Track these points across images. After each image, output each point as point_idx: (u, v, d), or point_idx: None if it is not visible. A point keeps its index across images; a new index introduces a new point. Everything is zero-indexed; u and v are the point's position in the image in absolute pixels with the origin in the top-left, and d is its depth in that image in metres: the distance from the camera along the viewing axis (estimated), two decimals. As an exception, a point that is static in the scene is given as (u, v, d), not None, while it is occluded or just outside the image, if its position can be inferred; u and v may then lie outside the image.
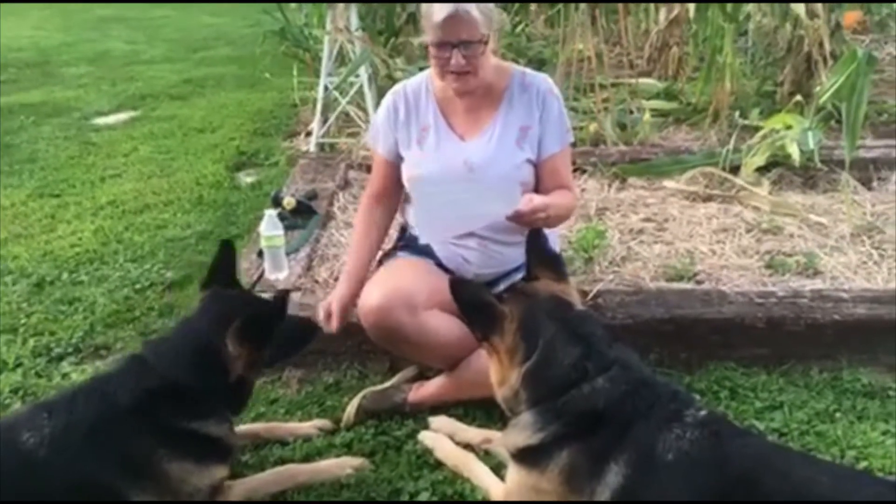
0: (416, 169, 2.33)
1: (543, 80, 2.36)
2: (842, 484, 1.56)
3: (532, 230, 2.05)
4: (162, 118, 5.69)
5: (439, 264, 2.34)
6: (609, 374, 1.75)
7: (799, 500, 1.51)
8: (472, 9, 2.10)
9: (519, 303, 1.86)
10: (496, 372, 1.85)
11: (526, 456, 1.79)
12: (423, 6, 2.22)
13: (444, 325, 2.19)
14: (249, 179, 4.37)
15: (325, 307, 2.27)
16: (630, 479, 1.63)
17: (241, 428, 2.17)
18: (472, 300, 1.86)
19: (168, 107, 6.03)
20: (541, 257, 1.99)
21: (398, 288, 2.17)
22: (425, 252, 2.37)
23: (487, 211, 2.14)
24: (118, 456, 1.77)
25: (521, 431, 1.79)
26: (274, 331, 1.95)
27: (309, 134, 4.61)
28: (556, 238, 2.54)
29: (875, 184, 3.56)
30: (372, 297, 2.16)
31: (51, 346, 2.72)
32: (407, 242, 2.46)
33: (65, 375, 2.57)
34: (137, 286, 3.12)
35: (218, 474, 1.90)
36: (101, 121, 5.73)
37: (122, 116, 5.83)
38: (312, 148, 4.41)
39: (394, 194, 2.44)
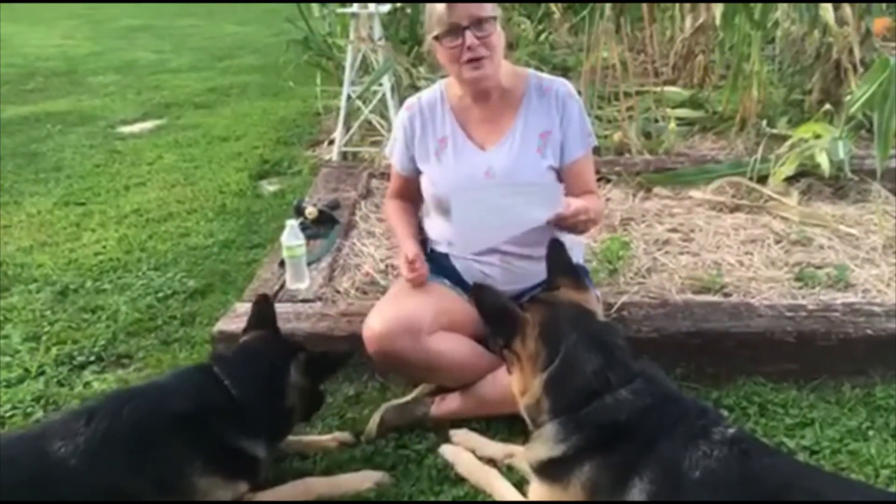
0: (438, 185, 2.30)
1: (561, 83, 2.32)
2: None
3: (552, 240, 2.01)
4: (187, 127, 5.73)
5: (459, 282, 2.30)
6: (633, 386, 1.71)
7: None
8: None
9: (540, 310, 1.84)
10: (518, 380, 1.83)
11: (548, 469, 1.75)
12: (426, 9, 2.22)
13: (449, 348, 2.17)
14: (272, 188, 4.38)
15: (404, 261, 2.25)
16: (654, 497, 1.58)
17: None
18: (494, 306, 1.84)
19: (193, 115, 6.09)
20: (561, 267, 1.96)
21: (400, 314, 2.13)
22: (445, 269, 2.33)
23: (530, 216, 2.09)
24: (152, 464, 1.77)
25: (544, 443, 1.76)
26: (334, 370, 2.20)
27: (331, 143, 4.61)
28: (581, 248, 2.51)
29: (907, 194, 3.48)
30: (374, 323, 2.13)
31: (73, 354, 2.72)
32: (427, 259, 2.43)
33: (87, 384, 2.57)
34: (160, 294, 3.12)
35: (242, 489, 1.90)
36: (126, 129, 5.79)
37: (148, 125, 5.89)
38: (335, 157, 4.42)
39: (414, 197, 2.46)
